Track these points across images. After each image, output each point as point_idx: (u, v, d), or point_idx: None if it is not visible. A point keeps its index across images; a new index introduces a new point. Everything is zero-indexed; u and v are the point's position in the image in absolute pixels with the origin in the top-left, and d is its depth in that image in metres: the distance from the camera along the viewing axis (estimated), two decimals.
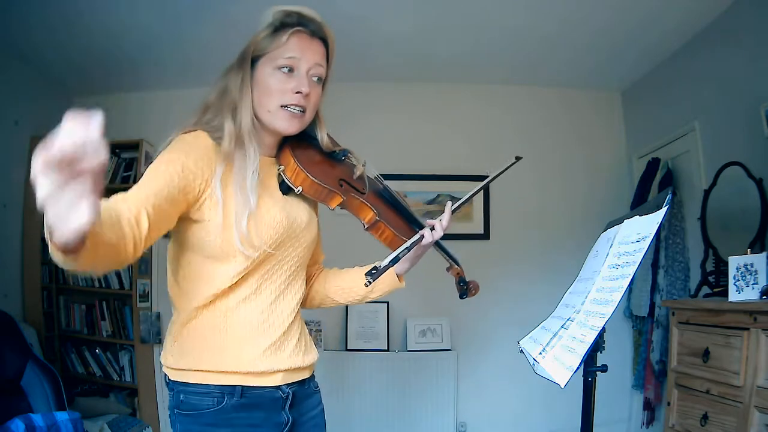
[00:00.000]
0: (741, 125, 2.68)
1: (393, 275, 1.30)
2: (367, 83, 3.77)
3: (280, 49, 1.10)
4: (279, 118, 1.11)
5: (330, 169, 1.22)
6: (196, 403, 1.07)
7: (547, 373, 1.04)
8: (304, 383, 1.20)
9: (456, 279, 1.39)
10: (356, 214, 1.25)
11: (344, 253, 1.61)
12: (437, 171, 3.80)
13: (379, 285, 1.30)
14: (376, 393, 3.43)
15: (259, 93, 1.11)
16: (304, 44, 1.12)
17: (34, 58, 3.28)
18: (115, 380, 3.51)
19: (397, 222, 1.28)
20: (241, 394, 1.07)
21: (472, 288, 1.39)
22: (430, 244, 1.26)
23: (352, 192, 1.23)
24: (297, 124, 1.13)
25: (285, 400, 1.14)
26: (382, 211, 1.25)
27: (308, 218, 1.20)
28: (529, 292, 3.54)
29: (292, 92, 1.10)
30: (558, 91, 3.92)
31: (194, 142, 1.06)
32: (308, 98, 1.12)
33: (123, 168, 3.61)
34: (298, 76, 1.11)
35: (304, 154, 1.18)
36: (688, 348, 2.18)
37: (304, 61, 1.11)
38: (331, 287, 1.34)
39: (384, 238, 1.25)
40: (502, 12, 2.92)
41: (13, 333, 2.65)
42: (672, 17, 2.91)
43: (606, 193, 3.80)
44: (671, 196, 1.01)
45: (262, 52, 1.12)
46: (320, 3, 1.16)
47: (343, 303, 1.37)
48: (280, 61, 1.10)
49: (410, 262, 1.29)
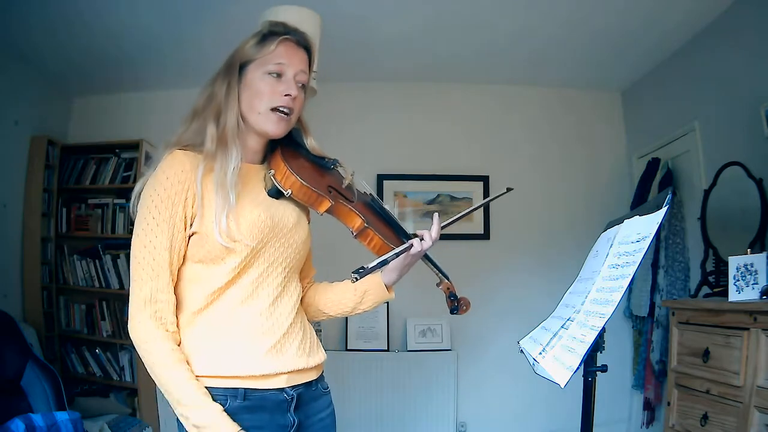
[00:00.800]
0: (741, 125, 2.68)
1: (382, 286, 1.31)
2: (367, 83, 3.77)
3: (269, 56, 1.16)
4: (268, 120, 1.16)
5: (319, 176, 1.24)
6: None
7: (547, 373, 1.04)
8: (311, 385, 1.20)
9: (446, 294, 1.38)
10: (344, 221, 1.26)
11: (334, 258, 1.59)
12: (437, 171, 3.80)
13: (368, 296, 1.32)
14: (376, 393, 3.43)
15: (250, 96, 1.16)
16: (291, 52, 1.19)
17: (34, 58, 3.28)
18: (115, 380, 3.51)
19: (386, 231, 1.28)
20: (244, 396, 1.08)
21: (463, 304, 1.38)
22: (420, 254, 1.27)
23: (341, 199, 1.24)
24: (284, 127, 1.18)
25: (290, 402, 1.14)
26: (370, 220, 1.26)
27: (296, 219, 1.21)
28: (528, 291, 3.54)
29: (282, 95, 1.15)
30: (558, 91, 3.92)
31: (177, 162, 1.09)
32: (295, 101, 1.18)
33: (123, 168, 3.61)
34: (287, 80, 1.17)
35: (294, 160, 1.21)
36: (688, 348, 2.18)
37: (291, 67, 1.17)
38: (321, 300, 1.35)
39: (373, 245, 1.26)
40: (502, 12, 2.92)
41: (13, 333, 2.65)
42: (672, 17, 2.91)
43: (606, 193, 3.80)
44: (671, 196, 1.01)
45: (251, 59, 1.17)
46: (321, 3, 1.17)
47: (334, 315, 1.38)
48: (269, 66, 1.16)
49: (399, 272, 1.30)
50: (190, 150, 1.12)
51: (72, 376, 3.46)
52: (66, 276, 3.57)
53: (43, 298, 3.38)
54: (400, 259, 1.25)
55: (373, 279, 1.31)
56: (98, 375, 3.52)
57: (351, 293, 1.33)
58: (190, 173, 1.09)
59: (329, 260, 1.45)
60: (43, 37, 3.02)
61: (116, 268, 3.53)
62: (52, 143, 3.46)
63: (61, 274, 3.57)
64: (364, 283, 1.31)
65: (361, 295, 1.32)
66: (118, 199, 3.61)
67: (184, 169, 1.09)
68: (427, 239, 1.25)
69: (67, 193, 3.63)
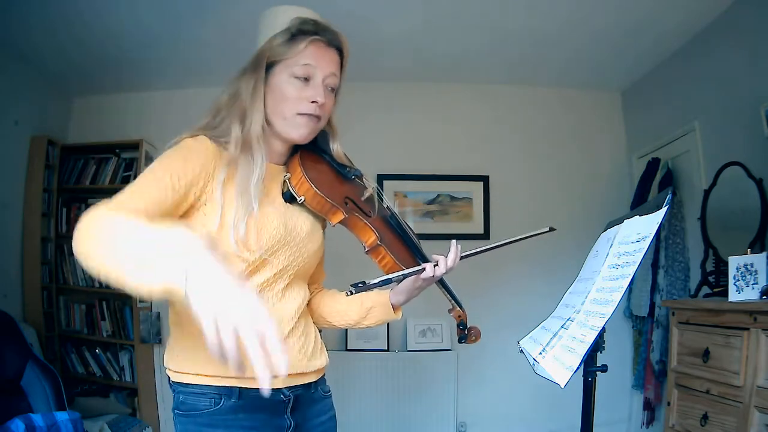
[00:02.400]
0: (741, 125, 2.68)
1: (388, 305, 1.27)
2: (367, 83, 3.76)
3: (296, 57, 1.10)
4: (294, 126, 1.11)
5: (338, 185, 1.20)
6: (193, 404, 1.06)
7: (547, 373, 1.03)
8: (310, 387, 1.18)
9: (457, 322, 1.34)
10: (358, 235, 1.22)
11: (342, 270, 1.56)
12: (437, 171, 3.80)
13: (373, 313, 1.28)
14: (376, 393, 3.43)
15: (275, 100, 1.11)
16: (321, 53, 1.12)
17: (34, 58, 3.28)
18: (115, 380, 3.51)
19: (401, 251, 1.23)
20: (239, 395, 1.06)
21: (473, 335, 1.34)
22: (431, 280, 1.21)
23: (357, 212, 1.20)
24: (309, 132, 1.13)
25: (287, 403, 1.12)
26: (385, 237, 1.21)
27: (310, 228, 1.17)
28: (528, 291, 3.54)
29: (308, 101, 1.10)
30: (558, 91, 3.92)
31: (195, 147, 1.05)
32: (323, 107, 1.12)
33: (123, 168, 3.61)
34: (315, 85, 1.11)
35: (313, 166, 1.17)
36: (688, 348, 2.18)
37: (320, 70, 1.11)
38: (325, 308, 1.32)
39: (384, 264, 1.21)
40: (502, 12, 2.92)
41: (13, 333, 2.65)
42: (672, 17, 2.91)
43: (606, 193, 3.80)
44: (671, 196, 1.00)
45: (278, 59, 1.11)
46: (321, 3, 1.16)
47: (337, 326, 1.34)
48: (296, 69, 1.10)
49: (408, 294, 1.25)
50: (215, 141, 1.07)
51: (72, 376, 3.46)
52: (66, 276, 3.57)
53: (43, 298, 3.38)
54: (410, 282, 1.20)
55: (380, 297, 1.27)
56: (98, 375, 3.53)
57: (356, 307, 1.28)
58: (213, 160, 1.04)
59: (337, 271, 1.42)
60: (43, 37, 3.02)
61: None
62: (52, 143, 3.46)
63: (61, 274, 3.57)
64: (371, 300, 1.27)
65: (366, 311, 1.28)
66: None
67: (209, 152, 1.04)
68: (442, 266, 1.18)
69: (67, 193, 3.63)
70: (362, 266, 1.37)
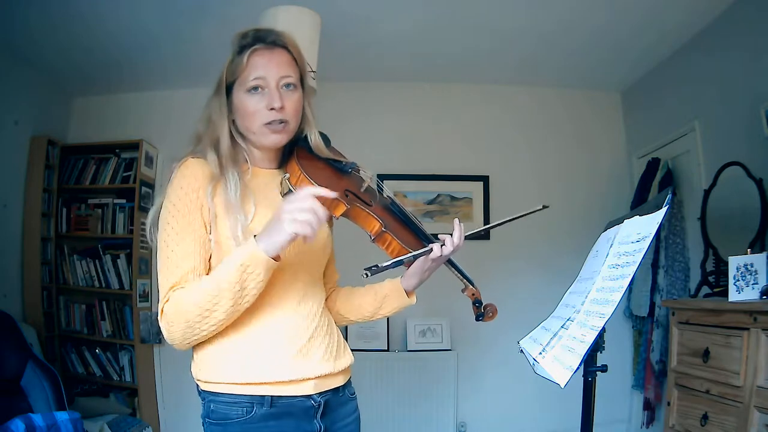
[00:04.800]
0: (741, 125, 2.68)
1: (402, 291, 1.30)
2: (367, 83, 3.77)
3: (245, 72, 1.13)
4: (264, 136, 1.15)
5: (336, 179, 1.22)
6: (225, 413, 1.07)
7: (547, 373, 1.03)
8: (338, 390, 1.20)
9: (472, 300, 1.35)
10: (362, 225, 1.24)
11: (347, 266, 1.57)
12: (437, 171, 3.80)
13: (388, 301, 1.31)
14: (376, 393, 3.42)
15: (241, 117, 1.15)
16: (265, 60, 1.14)
17: (34, 58, 3.28)
18: (115, 380, 3.51)
19: (406, 235, 1.25)
20: (270, 403, 1.07)
21: (490, 311, 1.35)
22: (441, 260, 1.24)
23: (358, 203, 1.22)
24: (282, 137, 1.16)
25: (317, 408, 1.14)
26: (389, 224, 1.23)
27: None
28: (528, 291, 3.54)
29: (267, 109, 1.12)
30: (558, 91, 3.92)
31: (189, 173, 1.10)
32: (284, 110, 1.13)
33: (123, 168, 3.61)
34: (269, 93, 1.13)
35: (310, 164, 1.19)
36: (688, 348, 2.18)
37: (270, 76, 1.13)
38: (342, 305, 1.35)
39: (391, 250, 1.23)
40: (502, 12, 2.92)
41: (13, 333, 2.65)
42: (672, 17, 2.91)
43: (606, 193, 3.80)
44: (671, 196, 1.01)
45: (233, 78, 1.15)
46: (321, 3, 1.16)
47: (354, 321, 1.38)
48: (247, 83, 1.13)
49: (419, 277, 1.28)
50: (201, 157, 1.13)
51: (72, 376, 3.46)
52: (66, 276, 3.57)
53: (43, 298, 3.38)
54: (420, 264, 1.23)
55: (393, 284, 1.30)
56: (98, 375, 3.52)
57: (371, 297, 1.32)
58: (203, 180, 1.09)
59: (340, 267, 1.43)
60: (43, 37, 3.02)
61: (116, 268, 3.53)
62: (52, 143, 3.47)
63: (61, 274, 3.57)
64: (384, 288, 1.31)
65: (381, 300, 1.31)
66: (118, 199, 3.61)
67: (196, 177, 1.09)
68: (449, 245, 1.22)
69: (67, 193, 3.63)
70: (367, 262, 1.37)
